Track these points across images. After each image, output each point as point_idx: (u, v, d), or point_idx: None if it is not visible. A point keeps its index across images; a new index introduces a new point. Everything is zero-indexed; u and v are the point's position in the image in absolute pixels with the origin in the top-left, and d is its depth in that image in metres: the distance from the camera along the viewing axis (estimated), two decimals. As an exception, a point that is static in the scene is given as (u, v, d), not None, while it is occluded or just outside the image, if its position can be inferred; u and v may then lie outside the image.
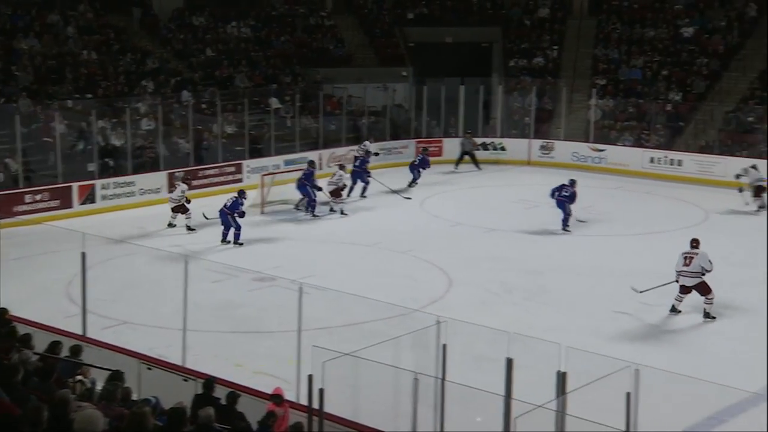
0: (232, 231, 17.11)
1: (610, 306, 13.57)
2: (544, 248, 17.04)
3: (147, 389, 8.89)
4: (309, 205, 19.56)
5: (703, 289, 12.91)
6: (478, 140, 26.50)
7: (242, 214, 17.27)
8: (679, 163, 23.87)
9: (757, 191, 20.09)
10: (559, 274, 15.26)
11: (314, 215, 19.40)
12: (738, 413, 9.36)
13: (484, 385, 7.47)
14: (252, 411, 8.13)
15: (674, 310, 13.05)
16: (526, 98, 27.63)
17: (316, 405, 7.77)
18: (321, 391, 7.62)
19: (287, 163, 23.17)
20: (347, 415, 8.29)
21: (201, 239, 17.55)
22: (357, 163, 21.90)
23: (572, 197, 18.35)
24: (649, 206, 21.06)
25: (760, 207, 19.88)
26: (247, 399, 8.49)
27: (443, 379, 8.10)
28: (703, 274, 12.92)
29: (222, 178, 22.36)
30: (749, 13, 27.97)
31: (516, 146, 26.59)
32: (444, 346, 8.21)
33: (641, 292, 13.41)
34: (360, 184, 21.47)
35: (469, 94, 27.00)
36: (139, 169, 21.13)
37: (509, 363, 7.81)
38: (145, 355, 9.92)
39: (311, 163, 20.54)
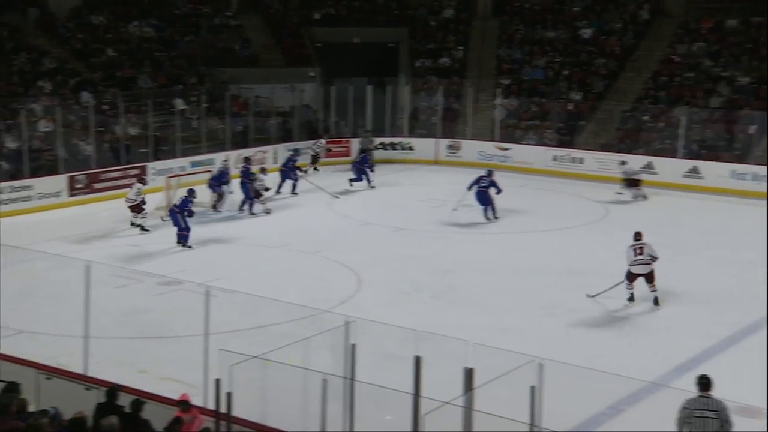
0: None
1: (517, 302, 13.85)
2: (452, 247, 17.27)
3: (46, 400, 8.59)
4: (245, 202, 19.62)
5: (652, 277, 13.58)
6: (386, 140, 26.69)
7: (191, 213, 17.18)
8: (581, 161, 24.57)
9: (632, 183, 21.54)
10: (467, 272, 15.50)
11: (252, 213, 19.50)
12: (635, 402, 9.70)
13: (394, 383, 7.53)
14: (158, 418, 7.95)
15: (632, 298, 13.66)
16: (433, 98, 27.96)
17: (224, 409, 7.68)
18: (229, 395, 7.53)
19: (194, 164, 22.82)
20: (256, 419, 8.22)
21: (158, 239, 17.25)
22: (286, 162, 22.17)
23: (493, 186, 19.18)
24: (554, 203, 21.61)
25: (636, 196, 21.51)
26: (153, 406, 8.31)
27: (352, 379, 8.12)
28: (652, 262, 13.57)
29: (126, 181, 21.78)
30: (642, 15, 29.03)
31: (423, 146, 26.87)
32: (353, 346, 8.22)
33: (594, 296, 13.74)
34: (289, 182, 21.71)
35: (377, 94, 27.15)
36: (37, 173, 20.43)
37: (417, 361, 7.88)
38: (43, 365, 9.59)
39: (247, 159, 20.91)
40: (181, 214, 17.01)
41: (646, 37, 28.45)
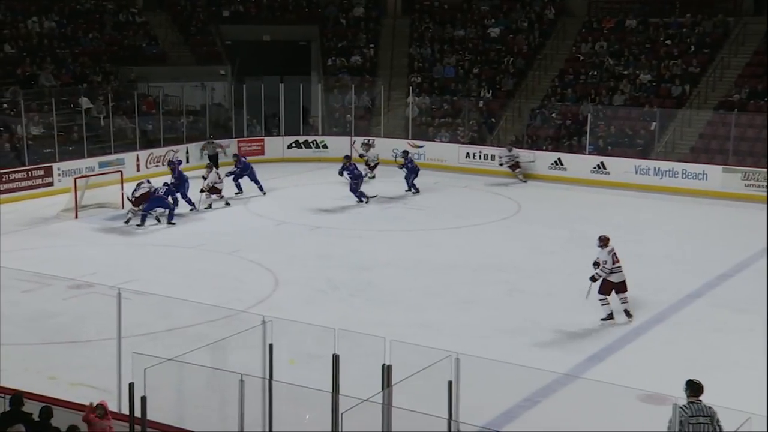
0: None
1: (433, 298, 14.00)
2: (368, 244, 17.33)
3: (-49, 411, 8.25)
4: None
5: (625, 286, 12.67)
6: (300, 138, 26.59)
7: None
8: (493, 158, 24.98)
9: (514, 167, 23.25)
10: (383, 269, 15.57)
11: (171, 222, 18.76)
12: (550, 394, 9.94)
13: (312, 382, 7.51)
14: (69, 425, 7.73)
15: (610, 317, 12.53)
16: (346, 96, 27.98)
17: (138, 413, 7.53)
18: (143, 398, 7.39)
19: (102, 165, 22.23)
20: (172, 422, 8.08)
21: (68, 242, 16.72)
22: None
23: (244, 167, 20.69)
24: (467, 200, 21.92)
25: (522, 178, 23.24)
26: (63, 413, 8.08)
27: (270, 378, 8.07)
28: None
29: (30, 182, 21.11)
30: (548, 15, 29.74)
31: (338, 144, 26.85)
32: (270, 345, 8.17)
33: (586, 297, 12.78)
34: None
35: (289, 92, 26.98)
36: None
37: (335, 359, 7.89)
38: (-55, 375, 9.22)
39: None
40: (165, 198, 18.24)
41: (551, 36, 29.15)
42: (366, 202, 20.48)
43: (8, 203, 20.11)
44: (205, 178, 20.04)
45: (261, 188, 21.55)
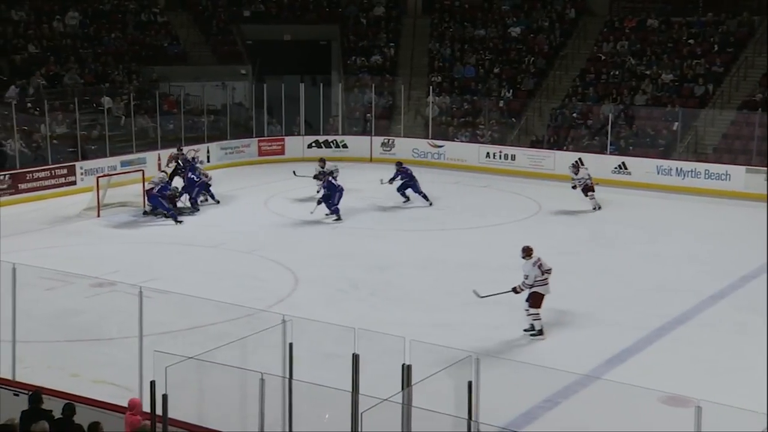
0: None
1: (453, 298, 13.98)
2: (388, 243, 17.33)
3: (-26, 407, 8.35)
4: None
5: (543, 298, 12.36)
6: (320, 138, 26.65)
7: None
8: (513, 157, 24.92)
9: (587, 191, 19.98)
10: (403, 268, 15.57)
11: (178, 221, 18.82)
12: (570, 395, 9.89)
13: (332, 382, 7.52)
14: (92, 422, 7.79)
15: (540, 333, 12.16)
16: (366, 96, 28.00)
17: (159, 411, 7.57)
18: (164, 396, 7.42)
19: (124, 164, 22.38)
20: (193, 420, 8.12)
21: (92, 240, 16.87)
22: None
23: (408, 177, 20.09)
24: (487, 200, 21.87)
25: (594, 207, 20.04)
26: (85, 410, 8.14)
27: (290, 378, 8.09)
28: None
29: (54, 181, 21.31)
30: (569, 14, 29.61)
31: (357, 143, 26.89)
32: (290, 345, 8.19)
33: (482, 297, 12.84)
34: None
35: (310, 92, 27.04)
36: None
37: (355, 359, 7.89)
38: (-31, 371, 9.32)
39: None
40: (163, 197, 18.28)
41: (573, 35, 29.02)
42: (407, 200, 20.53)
43: (32, 202, 20.33)
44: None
45: (425, 197, 20.41)
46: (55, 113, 22.85)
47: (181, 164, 20.46)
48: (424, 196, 20.42)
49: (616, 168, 23.46)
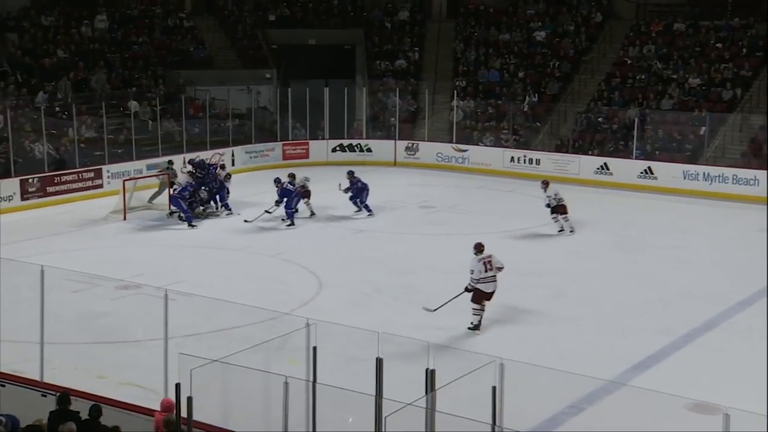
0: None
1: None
2: (411, 248, 17.31)
3: (2, 407, 8.44)
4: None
5: (491, 297, 12.52)
6: (344, 142, 26.72)
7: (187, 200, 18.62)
8: (537, 162, 24.82)
9: (559, 211, 18.29)
10: (427, 273, 15.55)
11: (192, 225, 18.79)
12: (595, 401, 9.82)
13: (356, 385, 7.53)
14: (118, 424, 7.86)
15: (476, 327, 12.29)
16: (390, 100, 28.02)
17: (184, 413, 7.61)
18: (189, 399, 7.47)
19: (150, 167, 22.54)
20: (217, 422, 8.16)
21: (117, 243, 17.01)
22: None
23: (355, 188, 19.52)
24: (511, 204, 21.79)
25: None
26: (112, 411, 8.21)
27: (314, 381, 8.11)
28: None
29: (81, 184, 21.53)
30: (594, 19, 29.46)
31: (382, 147, 26.90)
32: (314, 348, 8.21)
33: (434, 310, 12.61)
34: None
35: (334, 96, 27.12)
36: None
37: (379, 363, 7.90)
38: (-2, 372, 9.43)
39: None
40: (183, 199, 18.37)
41: (598, 39, 28.87)
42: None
43: (60, 205, 20.55)
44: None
45: (368, 209, 19.82)
46: (83, 117, 23.08)
47: (195, 171, 19.83)
48: (366, 207, 19.71)
49: (642, 173, 23.29)
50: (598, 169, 23.96)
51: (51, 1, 27.40)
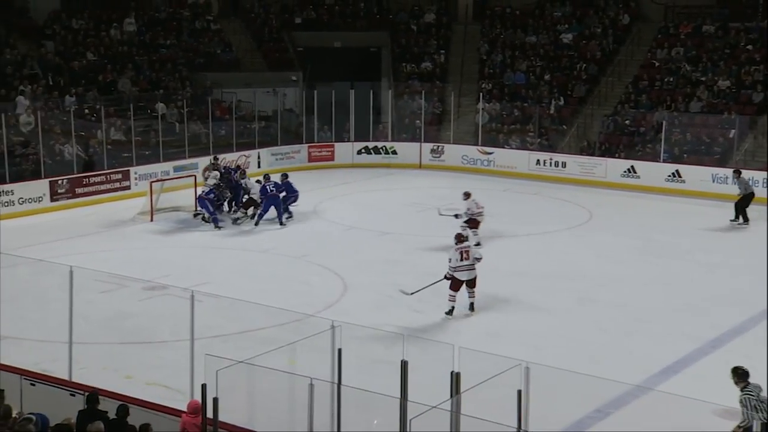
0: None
1: (502, 306, 13.89)
2: (436, 250, 17.24)
3: (31, 406, 8.54)
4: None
5: (474, 282, 13.26)
6: (370, 144, 26.76)
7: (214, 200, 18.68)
8: (563, 165, 24.69)
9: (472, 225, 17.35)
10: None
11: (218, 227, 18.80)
12: (621, 405, 9.75)
13: (380, 387, 7.53)
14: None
15: (451, 312, 13.04)
16: (416, 102, 28.01)
17: (210, 414, 7.65)
18: (215, 400, 7.51)
19: (176, 169, 22.71)
20: (242, 423, 8.20)
21: (144, 244, 17.24)
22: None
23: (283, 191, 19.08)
24: (537, 207, 21.69)
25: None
26: (139, 411, 8.27)
27: (339, 383, 8.12)
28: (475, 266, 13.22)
29: (109, 186, 21.73)
30: (622, 21, 29.26)
31: (407, 150, 26.90)
32: (339, 350, 8.23)
33: (412, 293, 13.28)
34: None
35: (360, 98, 27.15)
36: (18, 178, 20.29)
37: (404, 365, 7.89)
38: (28, 371, 9.52)
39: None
40: (210, 201, 18.49)
41: (626, 42, 28.68)
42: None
43: (88, 206, 20.75)
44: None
45: (281, 219, 19.10)
46: (111, 119, 23.30)
47: (221, 172, 19.99)
48: (280, 215, 19.03)
49: (669, 176, 23.09)
50: (625, 172, 23.79)
51: (81, 4, 27.71)
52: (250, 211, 19.43)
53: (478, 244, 16.30)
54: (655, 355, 11.72)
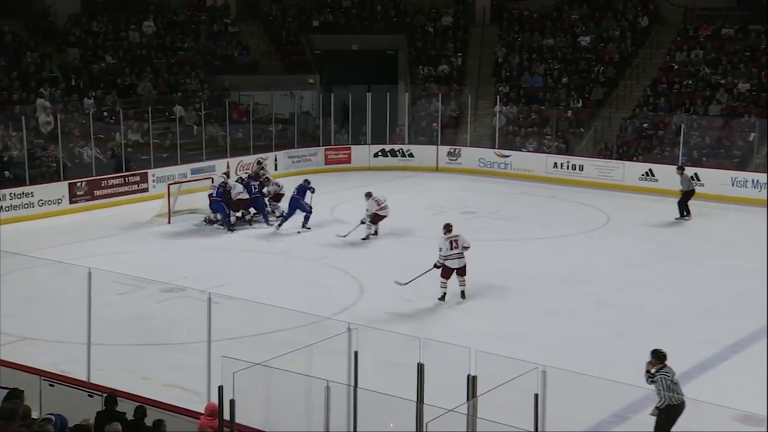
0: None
1: (519, 309, 13.85)
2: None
3: (50, 407, 8.60)
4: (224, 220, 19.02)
5: (465, 270, 13.84)
6: (386, 147, 26.79)
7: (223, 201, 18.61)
8: (581, 168, 24.58)
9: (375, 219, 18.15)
10: (468, 278, 15.43)
11: (231, 230, 18.84)
12: (639, 410, 9.68)
13: (397, 390, 7.52)
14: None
15: (444, 298, 13.78)
16: (432, 105, 28.00)
17: (227, 416, 7.67)
18: (232, 401, 7.53)
19: (194, 171, 22.82)
20: (259, 425, 8.22)
21: (161, 246, 17.30)
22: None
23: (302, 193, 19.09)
24: (554, 210, 21.61)
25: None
26: (156, 413, 8.30)
27: (355, 386, 8.12)
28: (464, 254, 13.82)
29: (127, 188, 21.86)
30: (641, 23, 29.12)
31: (424, 153, 26.89)
32: (356, 353, 8.23)
33: (405, 283, 13.93)
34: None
35: (376, 101, 27.16)
36: (38, 180, 20.45)
37: (420, 368, 7.88)
38: (46, 371, 9.59)
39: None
40: (225, 203, 18.49)
41: (644, 44, 28.54)
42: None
43: (106, 208, 20.87)
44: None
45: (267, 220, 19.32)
46: (130, 122, 23.43)
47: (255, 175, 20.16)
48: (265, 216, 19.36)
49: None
50: (642, 175, 23.67)
51: (101, 7, 27.90)
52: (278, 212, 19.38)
53: (375, 234, 17.89)
54: (673, 360, 11.56)
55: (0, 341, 11.23)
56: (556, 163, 25.11)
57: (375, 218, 17.29)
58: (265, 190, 19.63)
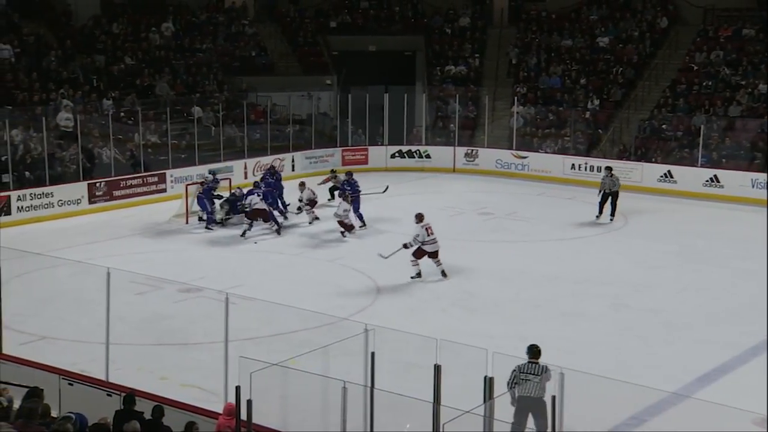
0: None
1: (536, 311, 13.81)
2: (469, 254, 17.21)
3: (69, 405, 8.66)
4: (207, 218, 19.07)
5: (437, 254, 15.15)
6: (404, 148, 26.77)
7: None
8: (599, 169, 24.38)
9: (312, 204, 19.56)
10: (485, 279, 15.46)
11: (208, 228, 18.86)
12: (657, 413, 9.63)
13: (413, 392, 7.52)
14: (179, 425, 7.99)
15: (418, 275, 15.01)
16: (450, 106, 27.96)
17: (244, 416, 7.70)
18: (249, 402, 7.55)
19: (212, 172, 22.84)
20: (276, 426, 8.24)
21: (179, 246, 17.41)
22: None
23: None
24: (571, 211, 21.51)
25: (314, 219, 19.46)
26: (174, 413, 8.34)
27: (372, 387, 8.12)
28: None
29: (145, 188, 21.97)
30: (660, 24, 28.95)
31: (441, 154, 26.86)
32: (372, 354, 8.23)
33: (387, 257, 15.15)
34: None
35: (394, 102, 27.16)
36: (58, 180, 20.61)
37: (437, 369, 7.87)
38: (66, 371, 9.66)
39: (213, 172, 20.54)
40: (209, 199, 18.75)
41: (663, 45, 28.37)
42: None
43: (124, 208, 20.99)
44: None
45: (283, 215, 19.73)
46: (148, 123, 23.55)
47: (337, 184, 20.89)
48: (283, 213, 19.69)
49: (707, 181, 22.79)
50: (661, 176, 23.53)
51: (121, 9, 28.07)
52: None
53: (316, 219, 19.33)
54: (692, 362, 11.57)
55: (20, 340, 11.35)
56: (573, 165, 25.01)
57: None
58: (301, 195, 19.71)
